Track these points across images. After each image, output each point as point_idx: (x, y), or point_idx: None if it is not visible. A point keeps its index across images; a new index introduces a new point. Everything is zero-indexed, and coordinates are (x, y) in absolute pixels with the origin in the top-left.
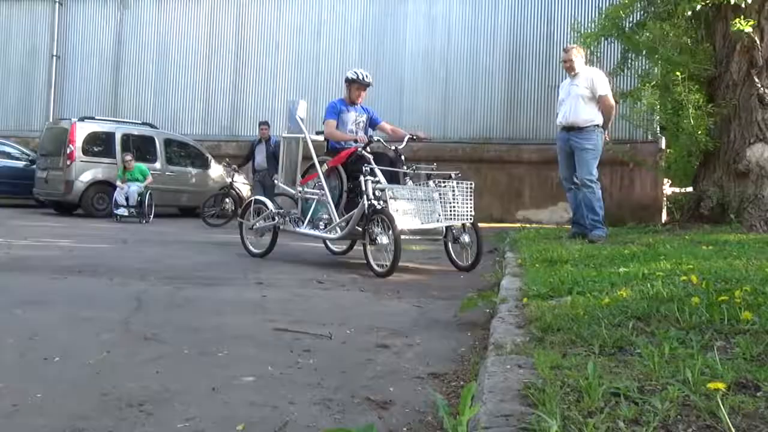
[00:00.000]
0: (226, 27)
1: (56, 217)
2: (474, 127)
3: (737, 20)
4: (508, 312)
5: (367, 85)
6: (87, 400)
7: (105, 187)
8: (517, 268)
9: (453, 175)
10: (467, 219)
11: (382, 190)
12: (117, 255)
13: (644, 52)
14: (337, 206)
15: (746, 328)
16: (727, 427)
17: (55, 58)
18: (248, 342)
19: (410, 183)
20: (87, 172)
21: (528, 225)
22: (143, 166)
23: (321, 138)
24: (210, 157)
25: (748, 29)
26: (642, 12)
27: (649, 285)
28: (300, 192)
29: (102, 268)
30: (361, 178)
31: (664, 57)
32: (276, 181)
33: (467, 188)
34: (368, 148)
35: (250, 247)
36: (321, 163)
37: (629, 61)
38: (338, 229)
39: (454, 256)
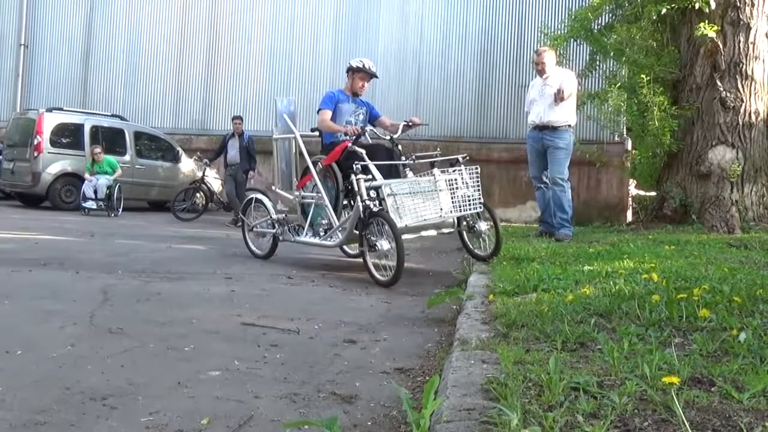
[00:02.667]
0: (199, 19)
1: (22, 210)
2: (445, 125)
3: (701, 25)
4: (474, 308)
5: (372, 75)
6: (49, 393)
7: (73, 179)
8: (484, 266)
9: (460, 159)
10: (478, 206)
11: (378, 187)
12: (84, 248)
13: (612, 54)
14: (335, 209)
15: (703, 325)
16: (681, 420)
17: (22, 47)
18: (215, 336)
19: (411, 175)
20: (55, 164)
21: None
22: (112, 158)
23: (316, 134)
24: (181, 150)
25: (712, 34)
26: (610, 15)
27: (612, 283)
28: (297, 197)
29: (68, 262)
30: (352, 177)
31: (631, 59)
32: (273, 188)
33: (475, 173)
34: (362, 140)
35: (252, 247)
36: (315, 163)
37: (597, 62)
38: (339, 233)
39: (471, 247)
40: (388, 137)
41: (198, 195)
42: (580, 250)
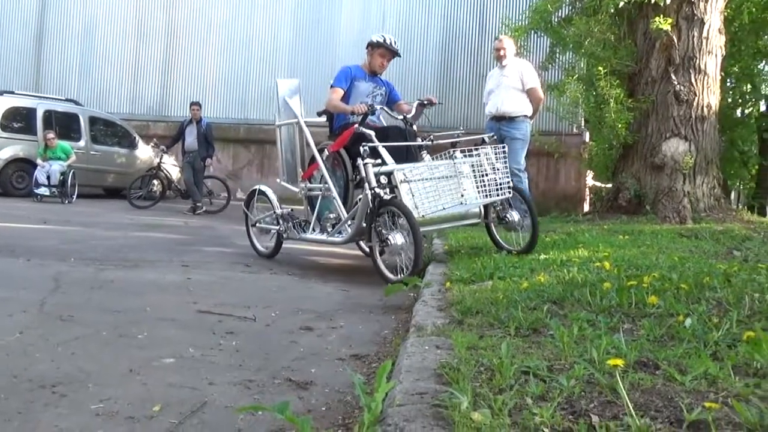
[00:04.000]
0: (157, 3)
1: None
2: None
3: (657, 19)
4: (431, 296)
5: (394, 53)
6: None
7: (25, 165)
8: (443, 255)
9: (486, 139)
10: (506, 191)
11: (389, 173)
12: (36, 235)
13: (570, 47)
14: (345, 201)
15: (652, 311)
16: (625, 401)
17: None
18: (170, 324)
19: (428, 158)
20: (6, 149)
21: None
22: (66, 144)
23: (323, 119)
24: (137, 137)
25: (667, 28)
26: (569, 7)
27: (566, 271)
28: (303, 189)
29: (19, 249)
30: (359, 161)
31: (589, 52)
32: (278, 180)
33: (502, 153)
34: (372, 120)
35: (256, 244)
36: (322, 150)
37: (557, 55)
38: (347, 228)
39: (500, 240)
40: (401, 117)
41: (155, 182)
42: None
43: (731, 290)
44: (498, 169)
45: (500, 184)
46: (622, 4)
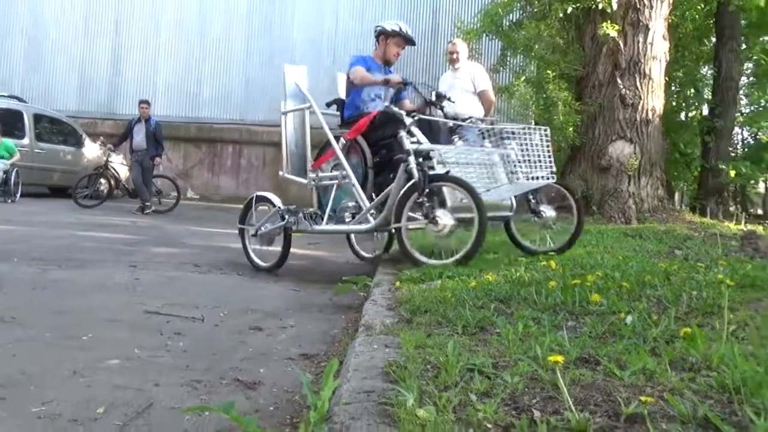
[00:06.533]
0: (105, 1)
1: None
2: None
3: (604, 24)
4: (380, 295)
5: (408, 41)
6: None
7: None
8: (394, 254)
9: (532, 129)
10: (549, 176)
11: (426, 153)
12: None
13: (521, 50)
14: (363, 189)
15: (595, 309)
16: (565, 396)
17: None
18: (116, 325)
19: (460, 143)
20: None
21: None
22: (9, 142)
23: (333, 111)
24: (84, 135)
25: (614, 33)
26: (520, 11)
27: (513, 270)
28: (314, 179)
29: None
30: (401, 133)
31: (538, 55)
32: (281, 174)
33: (545, 136)
34: (403, 100)
35: (255, 259)
36: (336, 138)
37: (507, 58)
38: (369, 217)
39: (520, 239)
40: (432, 95)
41: (102, 181)
42: (486, 240)
43: (670, 288)
44: (541, 155)
45: (540, 171)
46: (570, 9)
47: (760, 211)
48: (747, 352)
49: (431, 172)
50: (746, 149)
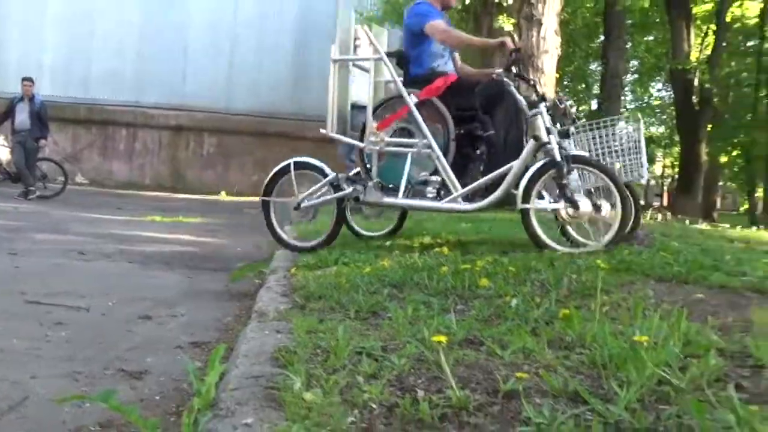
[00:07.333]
0: None
1: None
2: (260, 101)
3: (500, 17)
4: (275, 282)
5: None
6: None
7: None
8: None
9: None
10: (643, 171)
11: (567, 132)
12: None
13: None
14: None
15: (483, 293)
16: (447, 375)
17: None
18: None
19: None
20: None
21: None
22: None
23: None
24: None
25: (509, 27)
26: None
27: (408, 256)
28: (376, 143)
29: None
30: (540, 109)
31: None
32: (323, 131)
33: (638, 130)
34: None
35: (286, 238)
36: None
37: None
38: (482, 196)
39: (571, 231)
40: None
41: None
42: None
43: (553, 272)
44: (638, 146)
45: (631, 164)
46: (468, 1)
47: (642, 202)
48: (617, 330)
49: (577, 153)
50: None
